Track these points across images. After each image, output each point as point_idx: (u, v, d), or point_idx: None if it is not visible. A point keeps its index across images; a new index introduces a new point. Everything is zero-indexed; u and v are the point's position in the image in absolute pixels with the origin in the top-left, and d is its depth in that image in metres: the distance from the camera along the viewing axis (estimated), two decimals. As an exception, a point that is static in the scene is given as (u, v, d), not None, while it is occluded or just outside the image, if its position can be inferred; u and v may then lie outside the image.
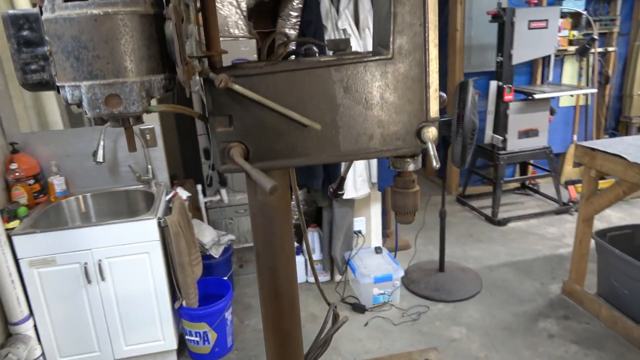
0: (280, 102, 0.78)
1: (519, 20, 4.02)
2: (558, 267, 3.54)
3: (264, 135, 0.81)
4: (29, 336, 2.37)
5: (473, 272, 3.53)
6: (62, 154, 2.82)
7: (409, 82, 0.82)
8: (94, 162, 2.68)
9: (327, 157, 0.84)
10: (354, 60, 0.80)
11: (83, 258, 2.40)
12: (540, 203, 4.76)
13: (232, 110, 0.79)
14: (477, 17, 4.64)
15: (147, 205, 2.77)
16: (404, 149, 0.86)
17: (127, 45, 0.68)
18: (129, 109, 0.70)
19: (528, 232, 4.15)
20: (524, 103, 4.31)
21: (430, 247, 3.93)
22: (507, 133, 4.30)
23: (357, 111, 0.82)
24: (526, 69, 4.91)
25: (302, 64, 0.79)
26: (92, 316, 2.50)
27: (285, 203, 0.89)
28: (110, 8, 0.66)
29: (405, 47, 0.81)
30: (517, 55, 4.11)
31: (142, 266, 2.49)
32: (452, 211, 4.68)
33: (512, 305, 3.13)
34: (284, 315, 0.94)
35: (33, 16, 0.70)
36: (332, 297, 3.34)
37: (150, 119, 2.84)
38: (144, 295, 2.54)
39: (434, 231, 3.47)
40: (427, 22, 0.80)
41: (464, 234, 4.21)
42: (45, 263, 2.37)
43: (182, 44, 0.70)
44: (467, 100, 2.85)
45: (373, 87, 0.81)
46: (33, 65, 0.72)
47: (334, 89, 0.80)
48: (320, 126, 0.79)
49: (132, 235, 2.44)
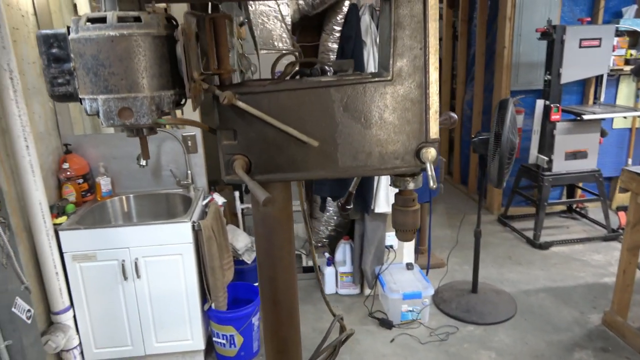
0: (281, 119, 0.83)
1: (570, 38, 3.90)
2: (600, 297, 3.37)
3: (266, 150, 0.85)
4: (68, 326, 2.53)
5: (508, 295, 3.42)
6: (110, 156, 2.99)
7: (408, 104, 0.85)
8: (138, 166, 2.85)
9: (325, 172, 0.87)
10: (354, 81, 0.83)
11: (121, 255, 2.54)
12: (587, 228, 4.55)
13: (236, 125, 0.84)
14: (526, 34, 4.54)
15: (184, 209, 2.89)
16: (403, 168, 0.88)
17: (140, 64, 0.74)
18: (139, 121, 0.77)
19: (571, 258, 3.98)
20: (572, 123, 4.16)
21: (465, 266, 3.85)
22: (553, 154, 4.15)
23: (355, 130, 0.85)
24: (577, 88, 4.74)
25: (303, 84, 0.83)
26: (127, 311, 2.63)
27: (286, 215, 0.93)
28: (126, 30, 0.73)
29: (405, 70, 0.83)
30: (566, 74, 3.98)
31: (175, 267, 2.60)
32: (492, 231, 4.56)
33: (547, 333, 3.01)
34: (282, 322, 0.97)
35: (61, 36, 0.78)
36: (360, 310, 3.34)
37: (191, 126, 2.97)
38: (176, 295, 2.65)
39: (471, 250, 3.40)
40: (427, 46, 0.82)
41: (502, 255, 4.09)
42: (86, 258, 2.52)
43: (190, 63, 0.76)
44: (506, 119, 2.80)
45: (372, 107, 0.84)
46: (60, 79, 0.80)
47: (333, 108, 0.83)
48: (317, 143, 0.82)
49: (168, 237, 2.55)
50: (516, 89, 4.68)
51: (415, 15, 0.81)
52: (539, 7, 4.51)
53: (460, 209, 5.08)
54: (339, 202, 1.12)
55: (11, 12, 2.44)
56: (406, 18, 0.81)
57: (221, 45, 0.86)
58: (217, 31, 0.85)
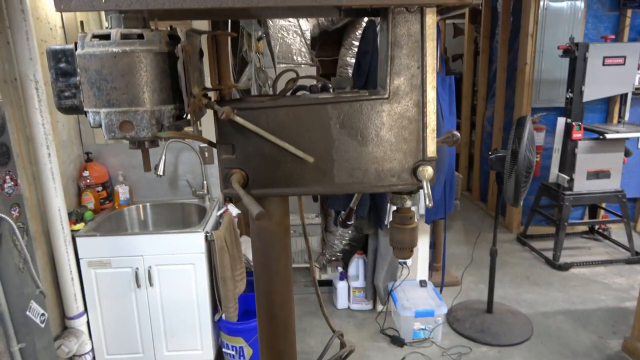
0: (279, 135, 0.84)
1: (593, 56, 3.84)
2: (621, 322, 3.25)
3: (263, 164, 0.86)
4: (81, 331, 2.57)
5: (524, 316, 3.34)
6: (129, 165, 3.06)
7: (405, 122, 0.85)
8: (156, 175, 2.90)
9: (321, 188, 0.88)
10: (351, 98, 0.84)
11: (135, 263, 2.58)
12: (610, 250, 4.42)
13: (235, 139, 0.86)
14: (549, 51, 4.48)
15: (198, 219, 2.92)
16: (399, 185, 0.88)
17: (141, 79, 0.77)
18: (139, 134, 0.79)
19: (592, 280, 3.86)
20: (595, 142, 4.07)
21: (481, 285, 3.78)
22: (575, 173, 4.07)
23: (352, 146, 0.85)
24: (601, 107, 4.65)
25: (300, 100, 0.84)
26: (139, 319, 2.66)
27: (282, 229, 0.93)
28: (129, 47, 0.76)
29: (402, 88, 0.84)
30: (588, 92, 3.91)
31: (187, 276, 2.63)
32: (511, 250, 4.48)
33: (564, 358, 2.92)
34: (278, 335, 0.97)
35: (69, 51, 0.81)
36: (371, 326, 3.31)
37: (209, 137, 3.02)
38: (187, 304, 2.67)
39: (488, 269, 3.34)
40: (425, 65, 0.83)
41: (520, 275, 4.00)
42: (102, 265, 2.57)
43: (189, 79, 0.78)
44: (524, 137, 2.76)
45: (369, 125, 0.85)
46: (67, 92, 0.83)
47: (330, 125, 0.84)
48: (312, 159, 0.83)
49: (181, 246, 2.59)
50: (537, 106, 4.62)
51: (412, 35, 0.82)
52: (562, 24, 4.46)
53: (478, 226, 5.00)
54: (340, 217, 1.13)
55: (40, 25, 2.54)
56: (403, 37, 0.82)
57: (222, 61, 0.88)
58: (219, 48, 0.87)
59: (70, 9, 0.74)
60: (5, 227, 2.02)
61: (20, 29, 2.24)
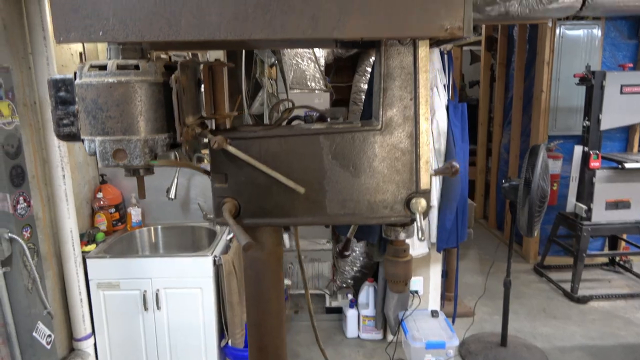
0: (271, 164, 0.84)
1: (610, 84, 3.79)
2: (643, 360, 3.12)
3: (255, 194, 0.86)
4: (88, 353, 2.57)
5: (540, 351, 3.22)
6: (142, 188, 3.09)
7: (398, 153, 0.84)
8: (167, 198, 2.93)
9: (313, 219, 0.87)
10: (343, 129, 0.84)
11: (144, 286, 2.59)
12: (631, 283, 4.27)
13: (227, 168, 0.86)
14: (565, 79, 4.45)
15: (208, 242, 2.93)
16: (392, 217, 0.87)
17: (136, 108, 0.78)
18: (132, 162, 0.80)
19: (612, 315, 3.72)
20: (614, 171, 3.98)
21: (495, 317, 3.67)
22: (593, 202, 3.97)
23: (344, 177, 0.85)
24: (621, 135, 4.56)
25: (293, 131, 0.85)
26: (146, 342, 2.65)
27: (275, 259, 0.93)
28: (124, 77, 0.77)
29: (395, 120, 0.83)
30: (606, 120, 3.85)
31: (194, 300, 2.62)
32: (527, 281, 4.36)
33: (582, 396, 2.80)
34: (269, 369, 0.95)
35: (69, 81, 0.83)
36: (381, 357, 3.23)
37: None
38: (194, 328, 2.65)
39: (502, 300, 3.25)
40: (418, 97, 0.83)
41: (536, 307, 3.88)
42: (110, 287, 2.58)
43: (182, 109, 0.79)
44: (537, 166, 2.72)
45: (361, 156, 0.84)
46: (65, 120, 0.85)
47: (322, 155, 0.84)
48: (303, 190, 0.83)
49: (189, 269, 2.59)
50: (554, 133, 4.56)
51: (405, 67, 0.82)
52: (578, 51, 4.44)
53: (493, 255, 4.89)
54: (337, 247, 1.12)
55: (61, 51, 2.63)
56: (396, 69, 0.82)
57: (217, 91, 0.89)
58: (214, 78, 0.89)
59: (69, 41, 0.76)
60: (16, 248, 2.06)
61: (41, 54, 2.32)
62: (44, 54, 2.32)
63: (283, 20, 0.74)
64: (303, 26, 0.74)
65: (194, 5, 0.73)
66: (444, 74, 3.00)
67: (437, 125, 2.96)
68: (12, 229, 2.01)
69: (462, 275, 4.20)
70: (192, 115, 0.86)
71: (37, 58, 2.32)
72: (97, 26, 0.75)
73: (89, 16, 0.74)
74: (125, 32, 0.75)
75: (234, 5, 0.73)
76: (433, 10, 0.75)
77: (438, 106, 2.95)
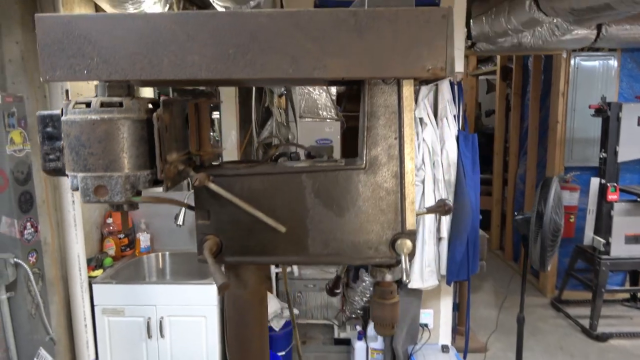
0: (253, 202, 0.83)
1: (627, 116, 3.73)
2: (667, 405, 2.96)
3: (237, 232, 0.85)
4: (90, 380, 2.55)
5: (556, 392, 3.08)
6: (152, 214, 3.13)
7: (383, 193, 0.83)
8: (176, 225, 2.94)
9: (296, 258, 0.85)
10: (326, 168, 0.82)
11: (148, 313, 2.58)
12: (654, 321, 4.09)
13: (210, 205, 0.85)
14: (581, 110, 4.39)
15: (214, 270, 2.91)
16: (377, 259, 0.84)
17: (118, 145, 0.79)
18: (113, 198, 0.80)
19: (633, 354, 3.56)
20: (633, 204, 3.87)
21: (509, 353, 3.54)
22: (611, 236, 3.85)
23: (327, 217, 0.83)
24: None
25: (275, 169, 0.84)
26: (148, 371, 2.63)
27: (258, 298, 0.91)
28: (107, 115, 0.78)
29: (379, 159, 0.82)
30: (623, 152, 3.77)
31: (198, 328, 2.59)
32: (544, 316, 4.22)
33: None
34: (251, 412, 0.92)
35: (56, 116, 0.84)
36: (389, 392, 3.13)
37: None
38: (197, 357, 2.62)
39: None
40: (402, 136, 0.81)
41: (553, 344, 3.74)
42: (115, 313, 2.58)
43: (164, 146, 0.79)
44: (549, 198, 2.66)
45: (345, 195, 0.83)
46: (51, 155, 0.86)
47: (304, 194, 0.83)
48: (284, 229, 0.81)
49: (193, 297, 2.57)
50: (571, 165, 4.48)
51: (389, 106, 0.81)
52: (594, 82, 4.39)
53: (509, 288, 4.76)
54: (327, 285, 1.09)
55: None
56: (380, 108, 0.81)
57: (203, 128, 0.89)
58: (200, 115, 0.89)
59: (55, 79, 0.78)
60: (21, 273, 2.07)
61: (56, 83, 2.39)
62: (59, 83, 2.39)
63: (263, 61, 0.74)
64: (284, 66, 0.74)
65: (176, 45, 0.74)
66: (454, 104, 2.98)
67: (447, 156, 2.93)
68: (18, 254, 2.03)
69: (475, 308, 4.09)
70: (177, 151, 0.86)
71: (52, 87, 2.39)
72: (82, 65, 0.76)
73: (74, 55, 0.76)
74: (108, 70, 0.76)
75: (215, 46, 0.74)
76: (415, 52, 0.74)
77: (448, 137, 2.93)
